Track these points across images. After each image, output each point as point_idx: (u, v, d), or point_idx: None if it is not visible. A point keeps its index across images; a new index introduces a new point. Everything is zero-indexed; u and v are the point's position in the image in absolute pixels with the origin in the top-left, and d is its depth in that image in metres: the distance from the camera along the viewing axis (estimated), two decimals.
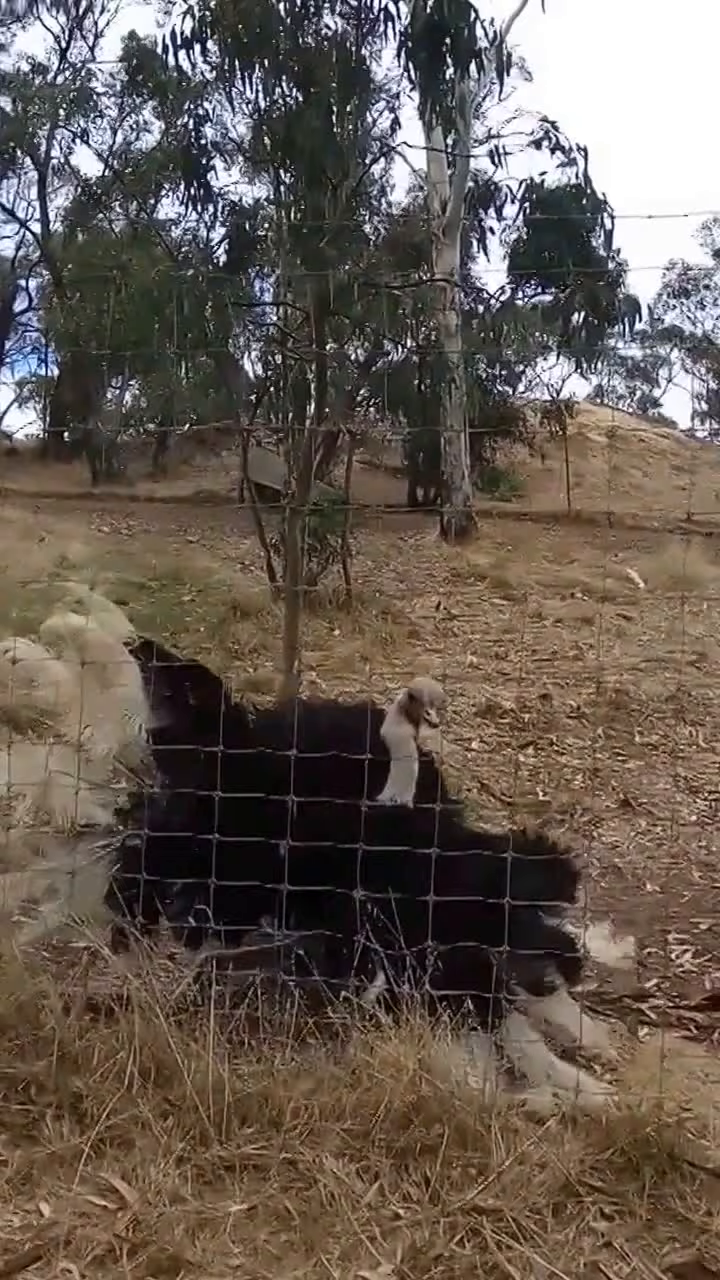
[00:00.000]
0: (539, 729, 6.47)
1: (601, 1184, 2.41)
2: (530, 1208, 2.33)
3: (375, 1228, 2.31)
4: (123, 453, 25.89)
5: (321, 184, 7.16)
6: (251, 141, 10.97)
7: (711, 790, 5.52)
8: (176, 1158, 2.49)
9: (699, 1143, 2.51)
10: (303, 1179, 2.45)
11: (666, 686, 7.38)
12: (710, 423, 34.96)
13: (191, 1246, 2.26)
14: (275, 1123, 2.58)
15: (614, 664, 8.13)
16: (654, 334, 31.67)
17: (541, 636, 9.25)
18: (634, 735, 6.44)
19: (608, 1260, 2.24)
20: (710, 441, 33.00)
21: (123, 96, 24.68)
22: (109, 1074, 2.72)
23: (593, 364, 14.69)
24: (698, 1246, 2.26)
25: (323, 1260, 2.24)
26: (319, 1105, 2.61)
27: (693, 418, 35.39)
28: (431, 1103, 2.55)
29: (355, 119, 7.95)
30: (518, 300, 16.28)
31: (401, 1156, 2.48)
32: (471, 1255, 2.23)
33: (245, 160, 16.42)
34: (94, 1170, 2.49)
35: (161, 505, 19.18)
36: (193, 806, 3.19)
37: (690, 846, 4.73)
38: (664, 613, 10.47)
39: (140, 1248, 2.24)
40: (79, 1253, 2.25)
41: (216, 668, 4.17)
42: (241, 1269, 2.23)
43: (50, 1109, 2.67)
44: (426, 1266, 2.19)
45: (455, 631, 9.42)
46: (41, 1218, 2.37)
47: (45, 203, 26.40)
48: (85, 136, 25.21)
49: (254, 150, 10.51)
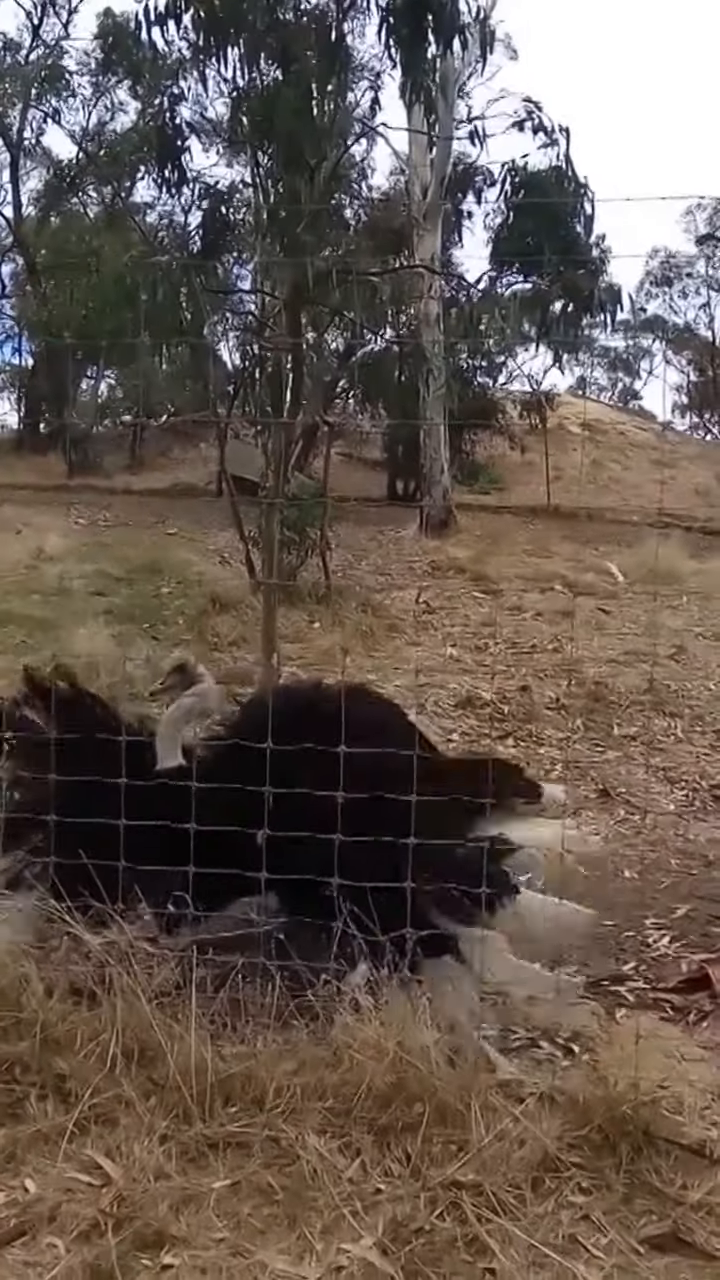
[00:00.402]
0: (518, 720, 6.55)
1: (579, 1160, 2.49)
2: (509, 1182, 2.40)
3: (357, 1202, 2.37)
4: (99, 444, 25.80)
5: (300, 166, 7.08)
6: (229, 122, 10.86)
7: (688, 780, 5.60)
8: (160, 1136, 2.55)
9: (674, 1119, 2.59)
10: (285, 1155, 2.51)
11: (644, 679, 7.48)
12: (690, 415, 35.05)
13: (176, 1221, 2.33)
14: (258, 1102, 2.64)
15: (593, 657, 8.22)
16: (636, 324, 31.53)
17: (521, 629, 9.33)
18: (612, 727, 6.53)
19: (585, 1232, 2.32)
20: (690, 435, 33.10)
21: (97, 75, 24.35)
22: (92, 1055, 2.78)
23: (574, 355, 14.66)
24: (673, 1219, 2.34)
25: (305, 1233, 2.31)
26: (301, 1085, 2.68)
27: (672, 410, 35.39)
28: (412, 1082, 2.62)
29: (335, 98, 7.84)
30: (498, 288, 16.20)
31: (383, 1134, 2.55)
32: (452, 1228, 2.30)
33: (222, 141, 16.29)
34: (78, 1148, 2.55)
35: (139, 498, 19.15)
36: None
37: (668, 834, 4.82)
38: (643, 606, 10.57)
39: (125, 1223, 2.30)
40: (64, 1228, 2.31)
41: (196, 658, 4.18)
42: (225, 1242, 2.29)
43: (34, 1089, 2.73)
44: (408, 1239, 2.26)
45: (435, 624, 9.48)
46: (27, 1194, 2.43)
47: (17, 185, 25.71)
48: (58, 116, 24.94)
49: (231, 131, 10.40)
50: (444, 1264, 2.22)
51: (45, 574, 10.54)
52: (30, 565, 10.94)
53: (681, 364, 33.72)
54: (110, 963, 3.06)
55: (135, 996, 2.88)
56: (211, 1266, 2.22)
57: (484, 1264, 2.23)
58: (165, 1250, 2.26)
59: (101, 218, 24.95)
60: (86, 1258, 2.22)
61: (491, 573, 11.94)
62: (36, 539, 12.30)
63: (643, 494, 22.83)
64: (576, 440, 25.29)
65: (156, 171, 8.00)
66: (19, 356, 29.79)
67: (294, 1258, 2.25)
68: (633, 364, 35.91)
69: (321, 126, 7.06)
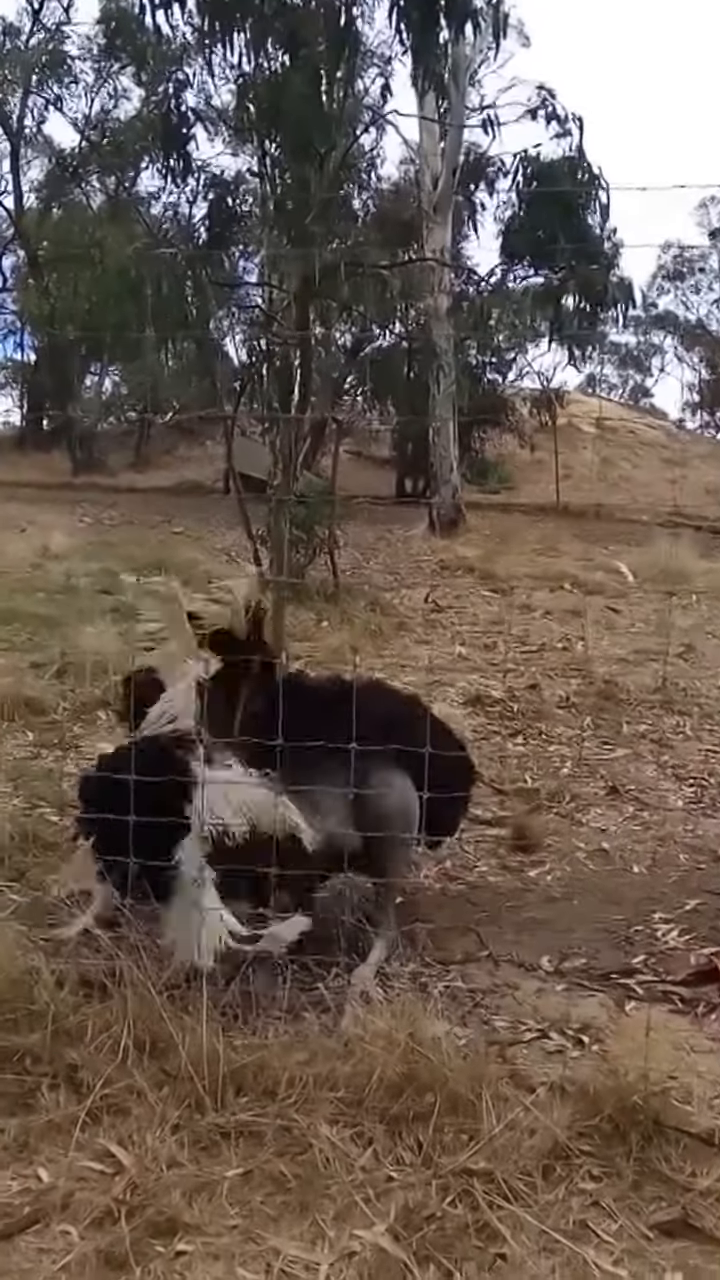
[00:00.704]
0: (528, 718, 6.59)
1: (590, 1148, 2.53)
2: (520, 1170, 2.45)
3: (369, 1189, 2.42)
4: (103, 442, 25.81)
5: (308, 155, 7.01)
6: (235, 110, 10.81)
7: (697, 777, 5.65)
8: (172, 1125, 2.59)
9: (683, 1109, 2.63)
10: (297, 1144, 2.55)
11: (655, 678, 7.52)
12: (701, 414, 34.99)
13: (189, 1209, 2.37)
14: (270, 1092, 2.69)
15: (602, 655, 8.26)
16: (647, 319, 31.39)
17: (530, 628, 9.36)
18: (622, 725, 6.56)
19: (596, 1219, 2.36)
20: (701, 434, 33.06)
21: (99, 61, 23.95)
22: (103, 1046, 2.81)
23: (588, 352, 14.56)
24: (682, 1205, 2.38)
25: (318, 1220, 2.35)
26: (312, 1075, 2.72)
27: (684, 408, 35.32)
28: (423, 1073, 2.66)
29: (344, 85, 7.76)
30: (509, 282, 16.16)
31: (394, 1123, 2.60)
32: (463, 1215, 2.34)
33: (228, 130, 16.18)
34: (90, 1137, 2.59)
35: (144, 496, 19.22)
36: None
37: (676, 830, 4.85)
38: (653, 605, 10.61)
39: (138, 1210, 2.34)
40: (77, 1215, 2.35)
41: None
42: (238, 1229, 2.33)
43: (46, 1079, 2.76)
44: (419, 1225, 2.31)
45: (444, 623, 9.52)
46: (39, 1182, 2.47)
47: (18, 175, 25.42)
48: (60, 104, 24.54)
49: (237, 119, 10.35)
50: (455, 1250, 2.27)
51: (50, 572, 10.59)
52: (35, 563, 11.00)
53: (693, 361, 33.65)
54: (120, 956, 3.11)
55: (146, 989, 2.92)
56: (224, 1253, 2.27)
57: (495, 1249, 2.27)
58: (178, 1237, 2.30)
59: (105, 209, 24.80)
60: (100, 1244, 2.26)
61: (501, 571, 11.98)
62: (41, 537, 12.37)
63: (652, 492, 22.86)
64: (586, 438, 25.33)
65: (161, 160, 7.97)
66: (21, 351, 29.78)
67: (306, 1244, 2.30)
68: (643, 361, 35.79)
69: (331, 114, 6.97)
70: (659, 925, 3.86)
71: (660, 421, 30.23)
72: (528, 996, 3.29)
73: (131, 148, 21.86)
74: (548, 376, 23.08)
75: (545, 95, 11.43)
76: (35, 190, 26.43)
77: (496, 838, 4.70)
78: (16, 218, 25.52)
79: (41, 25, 23.82)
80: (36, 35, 23.84)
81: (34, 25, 23.79)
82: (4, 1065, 2.81)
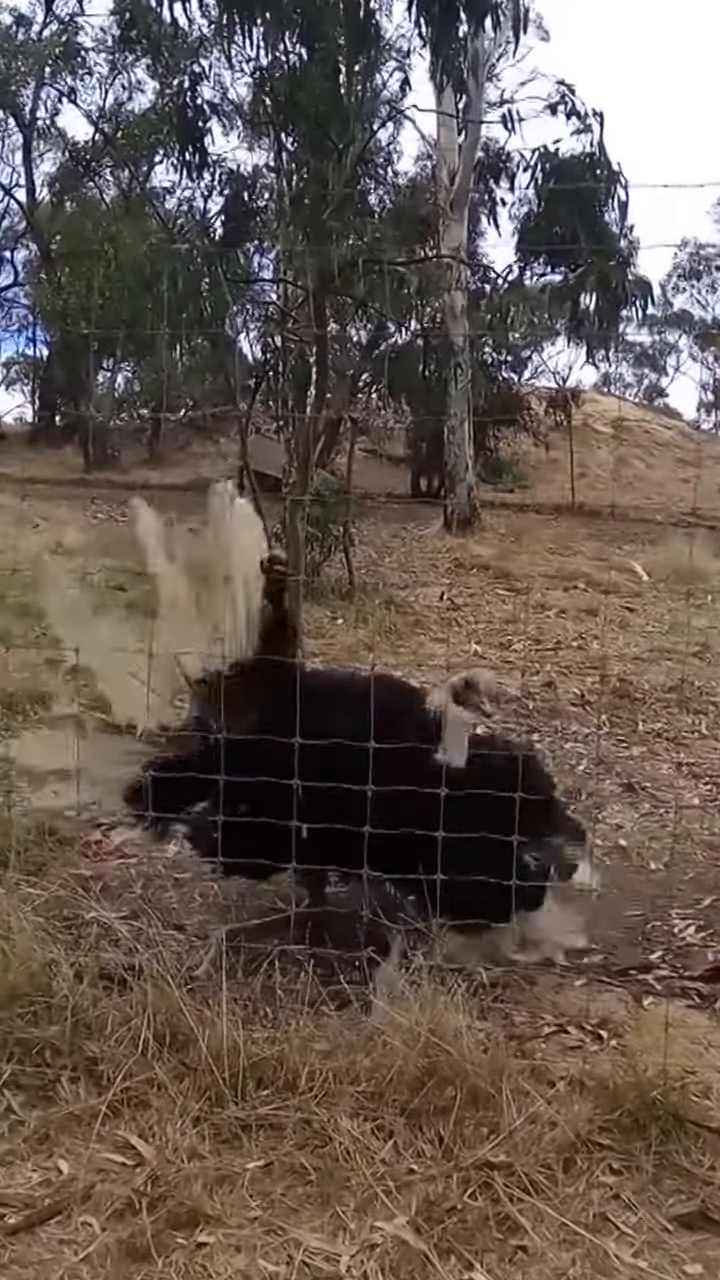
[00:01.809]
0: (544, 716, 6.61)
1: (610, 1142, 2.56)
2: (541, 1163, 2.47)
3: (390, 1182, 2.44)
4: (116, 438, 25.77)
5: (326, 149, 6.97)
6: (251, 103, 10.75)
7: (713, 775, 5.65)
8: (193, 1118, 2.62)
9: (703, 1103, 2.65)
10: (318, 1137, 2.58)
11: (670, 677, 7.53)
12: (716, 414, 34.91)
13: (210, 1200, 2.39)
14: (290, 1085, 2.71)
15: (617, 654, 8.27)
16: (662, 318, 31.30)
17: (545, 627, 9.37)
18: (637, 723, 6.57)
19: (615, 1211, 2.39)
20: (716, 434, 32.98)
21: (113, 53, 23.37)
22: (123, 1039, 2.84)
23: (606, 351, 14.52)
24: (701, 1198, 2.41)
25: (339, 1212, 2.37)
26: (333, 1069, 2.74)
27: (699, 408, 35.25)
28: (444, 1067, 2.68)
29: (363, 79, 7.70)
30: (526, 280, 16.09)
31: (415, 1116, 2.62)
32: (484, 1207, 2.36)
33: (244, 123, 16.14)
34: (111, 1129, 2.61)
35: (157, 492, 19.20)
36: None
37: (693, 828, 4.87)
38: (667, 605, 10.62)
39: (159, 1202, 2.36)
40: (99, 1207, 2.38)
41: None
42: (259, 1221, 2.36)
43: (66, 1071, 2.79)
44: (440, 1218, 2.33)
45: (459, 621, 9.54)
46: (60, 1174, 2.49)
47: (31, 168, 25.50)
48: (74, 96, 24.20)
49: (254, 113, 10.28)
50: (476, 1241, 2.29)
51: (64, 568, 10.61)
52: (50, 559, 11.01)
53: (709, 360, 33.55)
54: (139, 949, 3.13)
55: (166, 982, 2.94)
56: (246, 1244, 2.29)
57: (515, 1241, 2.30)
58: (200, 1229, 2.33)
59: (118, 203, 24.72)
60: (121, 1236, 2.29)
61: (515, 570, 12.00)
62: (55, 533, 12.41)
63: (666, 492, 22.82)
64: (602, 438, 25.28)
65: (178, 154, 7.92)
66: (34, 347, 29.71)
67: (328, 1236, 2.32)
68: (659, 360, 35.70)
69: (350, 107, 6.92)
70: (676, 922, 3.88)
71: (675, 421, 30.15)
72: (546, 991, 3.31)
73: (145, 141, 21.67)
74: (563, 375, 23.06)
75: (565, 91, 11.35)
76: (48, 184, 26.32)
77: None
78: (29, 211, 25.44)
79: (55, 16, 23.62)
80: (50, 27, 23.59)
81: (47, 16, 23.62)
82: (25, 1058, 2.83)
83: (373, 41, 6.94)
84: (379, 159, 16.96)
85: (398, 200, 19.47)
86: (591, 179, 9.38)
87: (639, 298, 10.07)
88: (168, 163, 21.84)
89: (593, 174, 9.45)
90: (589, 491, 21.08)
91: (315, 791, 3.13)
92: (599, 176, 9.38)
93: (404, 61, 12.97)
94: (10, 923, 3.17)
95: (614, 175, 9.55)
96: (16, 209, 26.44)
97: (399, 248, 11.63)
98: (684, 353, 34.67)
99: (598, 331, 9.53)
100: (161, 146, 20.96)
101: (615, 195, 9.49)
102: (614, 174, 9.56)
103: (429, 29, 6.55)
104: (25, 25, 23.47)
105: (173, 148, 15.14)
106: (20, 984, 3.00)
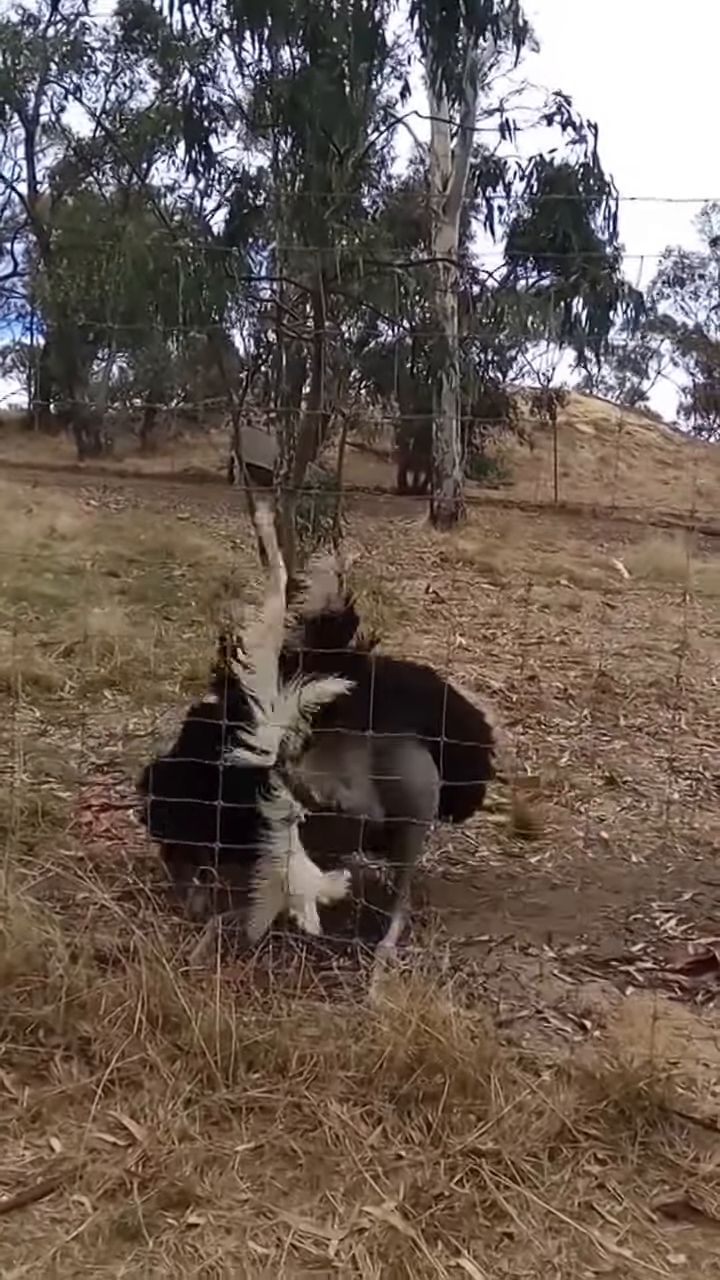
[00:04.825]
0: (527, 708, 6.58)
1: (595, 1132, 2.53)
2: (527, 1151, 2.44)
3: (378, 1167, 2.41)
4: (109, 427, 25.74)
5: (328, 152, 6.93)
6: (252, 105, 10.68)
7: (693, 770, 5.64)
8: (184, 1099, 2.58)
9: (686, 1095, 2.63)
10: (308, 1121, 2.55)
11: (650, 672, 7.52)
12: (695, 417, 35.05)
13: (200, 1182, 2.36)
14: (281, 1069, 2.68)
15: (599, 649, 8.25)
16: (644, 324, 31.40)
17: (528, 621, 9.35)
18: (619, 717, 6.56)
19: (600, 1200, 2.36)
20: (695, 438, 33.08)
21: (116, 52, 23.83)
22: (117, 1020, 2.80)
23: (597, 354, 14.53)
24: (685, 1188, 2.39)
25: (328, 1196, 2.35)
26: (323, 1054, 2.71)
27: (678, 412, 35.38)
28: (433, 1054, 2.65)
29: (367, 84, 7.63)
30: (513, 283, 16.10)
31: (404, 1103, 2.59)
32: (471, 1194, 2.34)
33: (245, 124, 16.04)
34: (103, 1109, 2.58)
35: (150, 481, 19.17)
36: None
37: (674, 821, 4.85)
38: (648, 602, 10.63)
39: (150, 1182, 2.33)
40: (90, 1186, 2.34)
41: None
42: (249, 1203, 2.33)
43: (59, 1051, 2.76)
44: (428, 1204, 2.30)
45: (444, 614, 9.51)
46: (52, 1153, 2.46)
47: (33, 162, 25.45)
48: (78, 93, 24.25)
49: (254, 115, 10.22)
50: (463, 1228, 2.26)
51: (58, 553, 10.57)
52: (43, 544, 10.97)
53: (690, 365, 33.71)
54: (134, 930, 3.10)
55: (159, 964, 2.91)
56: (235, 1226, 2.26)
57: (502, 1228, 2.27)
58: (190, 1209, 2.30)
59: (117, 198, 24.67)
60: (113, 1215, 2.26)
61: (500, 565, 11.98)
62: (48, 518, 12.35)
63: (646, 492, 22.90)
64: (584, 438, 25.35)
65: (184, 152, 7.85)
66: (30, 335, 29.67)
67: (316, 1219, 2.29)
68: (640, 364, 35.85)
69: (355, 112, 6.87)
70: (658, 914, 3.86)
71: (657, 424, 30.25)
72: (530, 981, 3.29)
73: (147, 139, 21.64)
74: (548, 376, 23.09)
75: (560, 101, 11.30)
76: (49, 177, 26.34)
77: (497, 824, 4.69)
78: (30, 204, 25.42)
79: (60, 15, 23.71)
80: (55, 25, 23.67)
81: (52, 14, 23.66)
82: (19, 1036, 2.80)
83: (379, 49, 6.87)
84: (374, 162, 16.95)
85: (390, 203, 19.47)
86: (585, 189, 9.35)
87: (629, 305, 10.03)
88: (168, 161, 21.86)
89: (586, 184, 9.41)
90: (571, 490, 21.14)
91: None
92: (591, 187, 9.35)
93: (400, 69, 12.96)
94: (8, 902, 3.13)
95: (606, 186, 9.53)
96: (18, 201, 26.43)
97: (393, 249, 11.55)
98: (665, 357, 34.85)
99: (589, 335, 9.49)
100: (162, 144, 20.93)
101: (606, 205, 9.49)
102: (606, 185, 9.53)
103: (429, 38, 6.50)
104: (32, 23, 23.51)
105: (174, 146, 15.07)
106: (16, 963, 2.96)
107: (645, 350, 34.34)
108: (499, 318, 10.93)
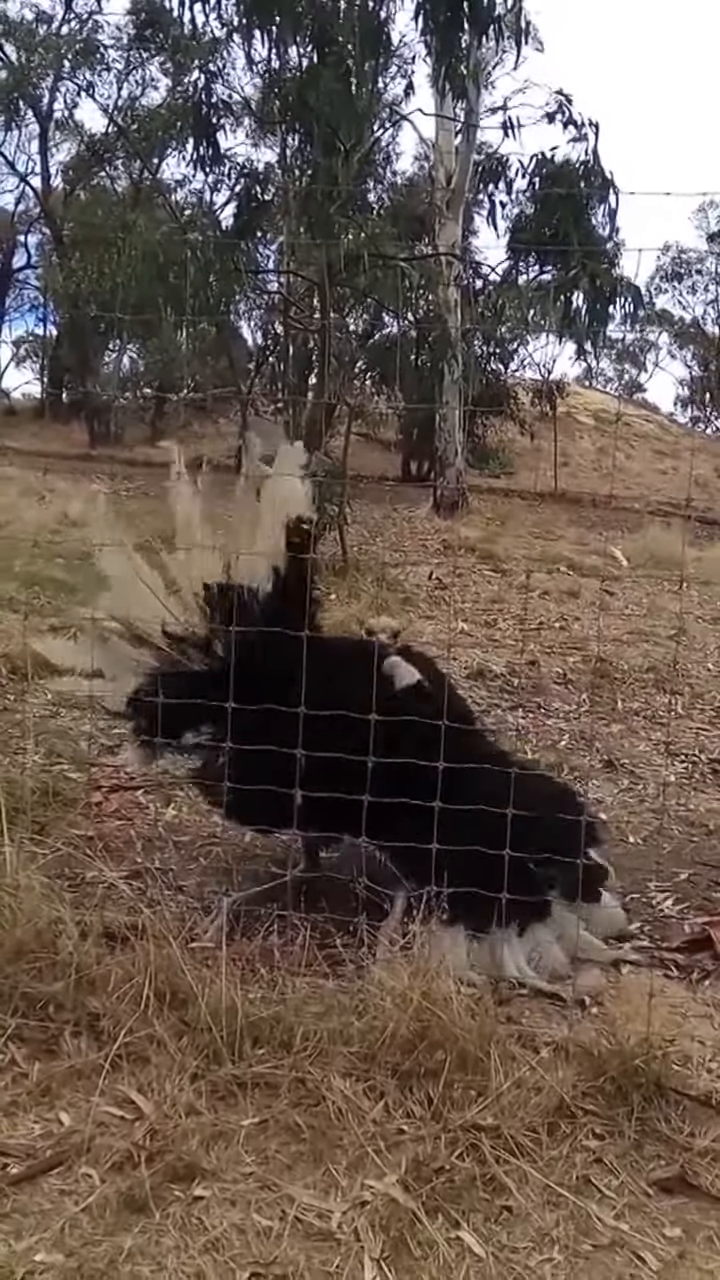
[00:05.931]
0: (527, 692, 6.57)
1: (593, 1108, 2.52)
2: (527, 1126, 2.43)
3: (380, 1141, 2.40)
4: (120, 416, 25.72)
5: (335, 149, 6.91)
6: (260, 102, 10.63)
7: (689, 753, 5.62)
8: (191, 1074, 2.57)
9: (683, 1072, 2.62)
10: (311, 1096, 2.54)
11: (648, 658, 7.50)
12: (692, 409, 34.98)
13: (206, 1155, 2.35)
14: (285, 1045, 2.67)
15: (597, 635, 8.23)
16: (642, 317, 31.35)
17: (529, 607, 9.33)
18: (617, 701, 6.54)
19: (598, 1174, 2.35)
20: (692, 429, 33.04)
21: (129, 50, 23.77)
22: (125, 996, 2.79)
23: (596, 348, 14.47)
24: (681, 1163, 2.38)
25: (331, 1170, 2.34)
26: (327, 1030, 2.70)
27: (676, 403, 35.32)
28: (435, 1030, 2.64)
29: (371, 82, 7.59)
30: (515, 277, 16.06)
31: (405, 1078, 2.58)
32: (471, 1168, 2.33)
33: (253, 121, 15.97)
34: (111, 1084, 2.56)
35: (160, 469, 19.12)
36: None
37: (670, 803, 4.83)
38: (645, 589, 10.60)
39: (157, 1155, 2.32)
40: (98, 1159, 2.33)
41: None
42: (254, 1176, 2.32)
43: (68, 1026, 2.74)
44: (429, 1177, 2.29)
45: (447, 600, 9.49)
46: (61, 1126, 2.45)
47: (46, 157, 25.60)
48: (91, 90, 24.34)
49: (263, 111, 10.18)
50: (463, 1201, 2.25)
51: (70, 539, 10.55)
52: (55, 530, 10.95)
53: (687, 358, 33.66)
54: (142, 909, 3.09)
55: (167, 941, 2.90)
56: (240, 1199, 2.25)
57: (501, 1201, 2.26)
58: (196, 1182, 2.29)
59: (128, 193, 24.64)
60: (120, 1187, 2.25)
61: (501, 552, 11.96)
62: (60, 504, 12.33)
63: (644, 482, 22.86)
64: (584, 429, 25.31)
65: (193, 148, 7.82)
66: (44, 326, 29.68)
67: (319, 1192, 2.28)
68: (639, 356, 35.82)
69: (361, 109, 6.84)
70: (654, 894, 3.85)
71: (655, 415, 30.20)
72: None
73: (158, 135, 21.59)
74: (548, 368, 23.03)
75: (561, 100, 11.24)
76: (62, 172, 26.34)
77: None
78: (44, 198, 25.39)
79: (74, 13, 23.69)
80: (69, 23, 23.67)
81: (66, 12, 23.68)
82: (29, 1012, 2.79)
83: (384, 48, 6.84)
84: (379, 158, 16.85)
85: (395, 198, 19.39)
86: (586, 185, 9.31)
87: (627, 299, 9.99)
88: (178, 156, 21.81)
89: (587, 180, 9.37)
90: (571, 480, 21.09)
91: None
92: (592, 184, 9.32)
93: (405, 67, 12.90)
94: (19, 880, 3.12)
95: (606, 183, 9.50)
96: (32, 195, 26.40)
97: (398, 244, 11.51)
98: (663, 350, 34.80)
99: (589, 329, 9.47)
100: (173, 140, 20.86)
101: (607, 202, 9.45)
102: (607, 182, 9.50)
103: (434, 38, 6.47)
104: (46, 21, 23.58)
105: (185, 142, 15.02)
106: (27, 940, 2.95)
107: (644, 343, 34.33)
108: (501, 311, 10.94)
